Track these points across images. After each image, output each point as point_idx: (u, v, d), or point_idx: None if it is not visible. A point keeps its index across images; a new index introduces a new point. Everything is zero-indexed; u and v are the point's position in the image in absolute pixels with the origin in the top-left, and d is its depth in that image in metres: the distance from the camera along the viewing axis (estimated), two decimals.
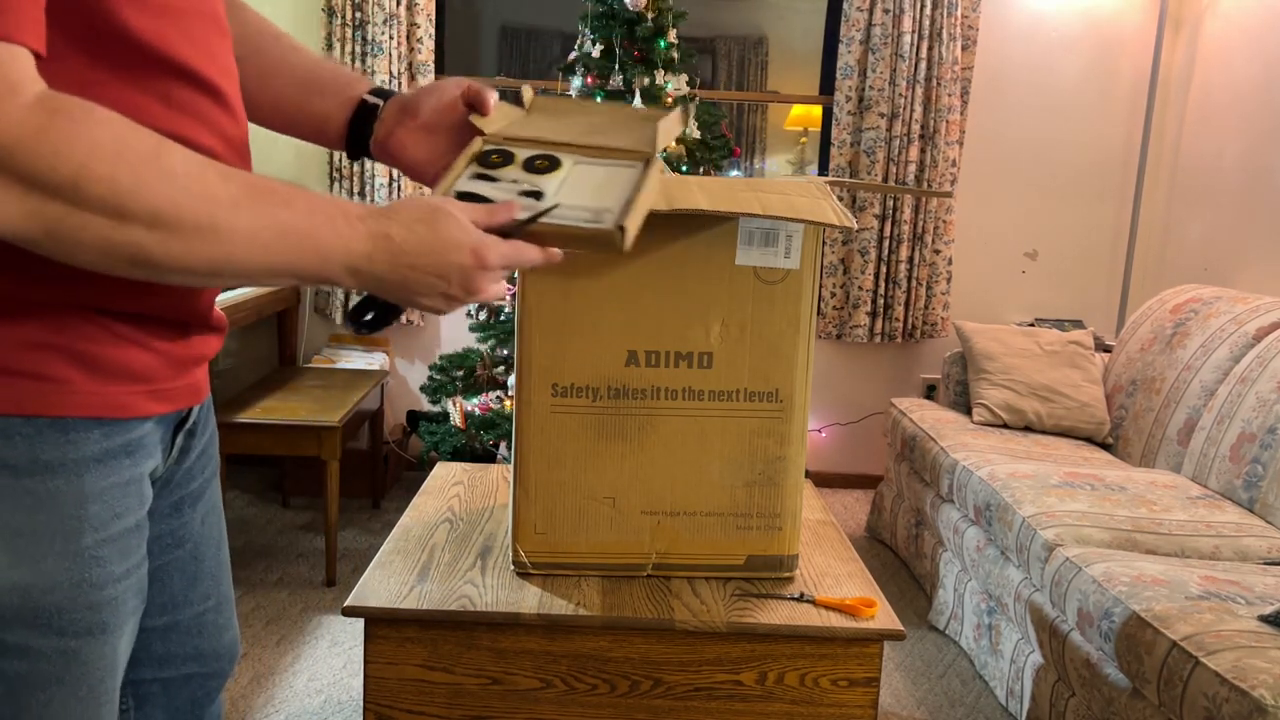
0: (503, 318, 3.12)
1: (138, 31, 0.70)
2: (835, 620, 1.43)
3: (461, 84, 0.99)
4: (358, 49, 3.50)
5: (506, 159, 0.89)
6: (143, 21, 0.70)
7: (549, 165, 0.87)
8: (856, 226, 3.59)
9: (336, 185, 3.59)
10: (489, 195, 0.83)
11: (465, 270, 0.75)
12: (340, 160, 3.57)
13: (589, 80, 3.04)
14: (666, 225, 1.41)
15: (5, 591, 0.70)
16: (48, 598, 0.72)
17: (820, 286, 3.82)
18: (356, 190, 3.58)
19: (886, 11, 3.52)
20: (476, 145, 0.91)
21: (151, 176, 0.63)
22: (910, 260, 3.69)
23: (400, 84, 3.53)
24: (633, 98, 2.97)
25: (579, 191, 0.82)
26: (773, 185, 1.37)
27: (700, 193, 1.34)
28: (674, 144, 3.00)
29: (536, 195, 0.84)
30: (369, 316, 0.82)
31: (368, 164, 3.55)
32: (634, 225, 0.78)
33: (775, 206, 1.34)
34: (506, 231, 0.77)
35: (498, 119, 0.94)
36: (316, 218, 0.70)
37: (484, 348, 3.18)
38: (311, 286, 0.66)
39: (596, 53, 3.03)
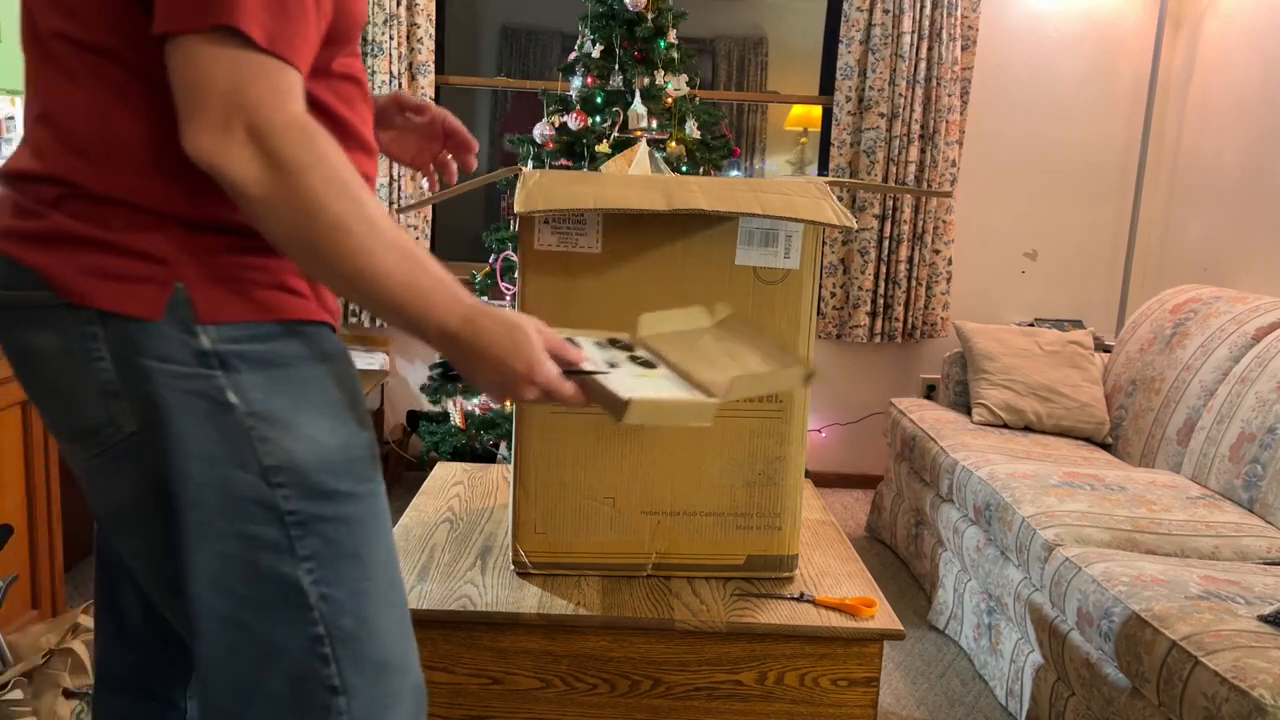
0: None
1: (331, 105, 0.95)
2: (835, 620, 1.43)
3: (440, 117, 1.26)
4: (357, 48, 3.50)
5: (629, 346, 1.13)
6: (332, 99, 0.95)
7: (646, 364, 1.09)
8: (856, 226, 3.59)
9: None
10: (586, 349, 1.06)
11: (517, 376, 0.92)
12: None
13: (589, 80, 3.04)
14: (667, 225, 1.41)
15: (333, 450, 0.91)
16: (356, 452, 0.93)
17: (820, 286, 3.82)
18: None
19: (886, 11, 3.52)
20: (624, 335, 1.17)
21: (350, 194, 0.83)
22: (910, 260, 3.69)
23: (400, 84, 3.53)
24: (632, 98, 2.97)
25: (630, 381, 1.02)
26: (773, 185, 1.37)
27: (700, 193, 1.34)
28: (674, 144, 3.00)
29: (612, 365, 1.06)
30: (445, 365, 1.02)
31: None
32: (640, 411, 0.95)
33: (775, 206, 1.34)
34: (567, 369, 0.96)
35: (652, 325, 1.18)
36: (438, 285, 0.88)
37: None
38: (400, 329, 0.87)
39: (596, 53, 3.03)
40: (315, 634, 0.90)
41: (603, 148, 2.92)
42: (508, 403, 3.14)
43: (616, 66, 3.01)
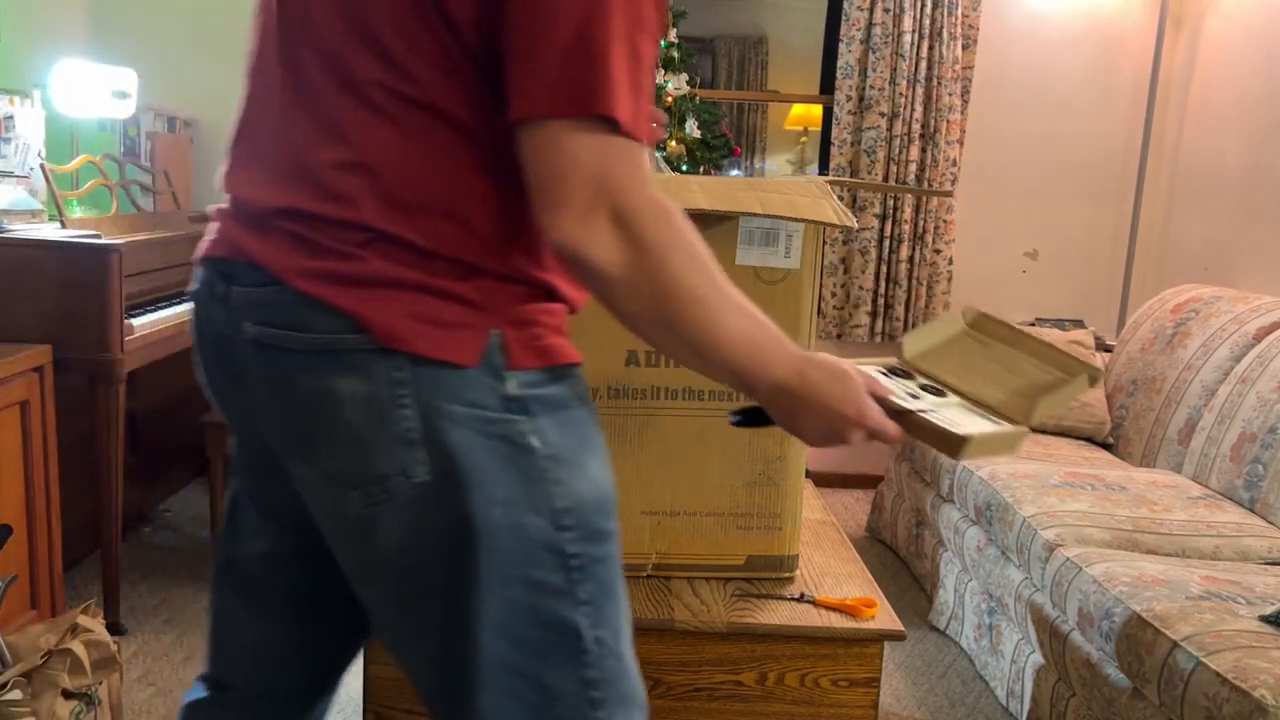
0: None
1: None
2: (835, 620, 1.42)
3: None
4: None
5: (908, 375, 1.16)
6: None
7: (937, 392, 1.13)
8: (857, 226, 3.58)
9: None
10: (884, 383, 1.11)
11: (846, 421, 0.93)
12: None
13: None
14: None
15: (605, 489, 0.93)
16: (609, 492, 0.95)
17: (821, 286, 3.81)
18: None
19: (887, 11, 3.51)
20: (891, 360, 1.20)
21: (704, 267, 0.85)
22: (911, 260, 3.68)
23: None
24: None
25: (948, 414, 1.07)
26: (773, 185, 1.37)
27: (700, 192, 1.34)
28: (674, 143, 3.00)
29: (915, 397, 1.12)
30: (739, 418, 1.02)
31: None
32: (976, 447, 0.99)
33: (775, 206, 1.33)
34: (888, 409, 0.99)
35: (915, 344, 1.22)
36: (772, 340, 0.90)
37: None
38: (728, 384, 0.91)
39: None
40: (589, 678, 0.91)
41: None
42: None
43: None
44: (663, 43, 3.04)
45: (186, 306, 2.70)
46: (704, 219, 1.41)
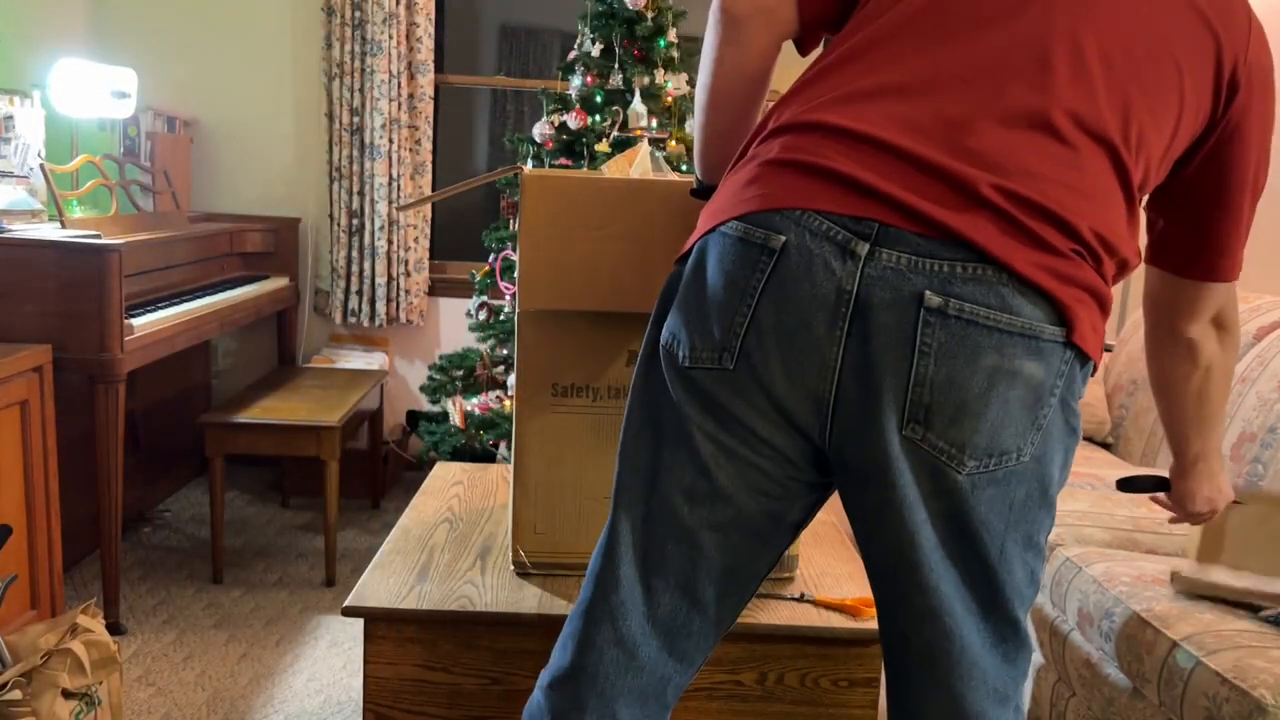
0: (502, 317, 3.12)
1: None
2: (835, 620, 1.42)
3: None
4: (357, 48, 3.50)
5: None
6: None
7: None
8: None
9: (336, 184, 3.58)
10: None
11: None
12: (340, 160, 3.57)
13: (589, 79, 3.03)
14: (666, 225, 1.41)
15: None
16: None
17: None
18: (356, 190, 3.58)
19: None
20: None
21: None
22: None
23: (400, 83, 3.52)
24: (632, 97, 2.97)
25: None
26: None
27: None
28: (674, 143, 3.00)
29: None
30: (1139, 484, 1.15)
31: (367, 164, 3.55)
32: None
33: None
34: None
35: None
36: None
37: (484, 347, 3.18)
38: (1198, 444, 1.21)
39: (596, 52, 3.02)
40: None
41: (602, 147, 2.92)
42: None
43: (616, 65, 3.00)
44: (662, 42, 3.04)
45: (190, 305, 2.71)
46: None
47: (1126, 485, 1.43)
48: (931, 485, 0.94)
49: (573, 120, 2.97)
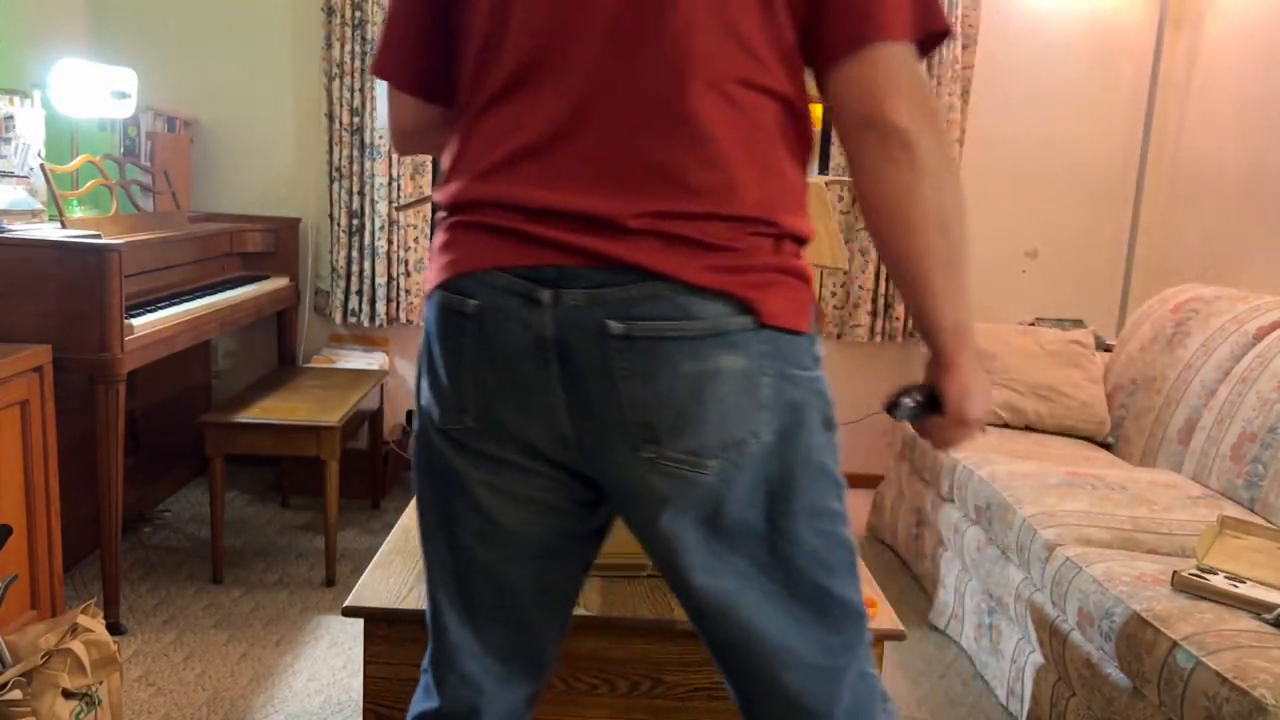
0: None
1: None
2: None
3: None
4: (357, 48, 3.50)
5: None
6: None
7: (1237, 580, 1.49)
8: (846, 268, 3.58)
9: (337, 184, 3.58)
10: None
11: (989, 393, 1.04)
12: (340, 160, 3.57)
13: None
14: None
15: None
16: None
17: (820, 286, 3.82)
18: (356, 189, 3.58)
19: None
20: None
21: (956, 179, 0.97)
22: None
23: None
24: None
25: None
26: None
27: None
28: None
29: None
30: (913, 404, 1.06)
31: (367, 163, 3.55)
32: None
33: None
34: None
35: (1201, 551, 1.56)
36: (968, 288, 0.99)
37: None
38: (939, 314, 1.01)
39: None
40: (859, 584, 1.04)
41: None
42: None
43: None
44: None
45: (190, 305, 2.71)
46: None
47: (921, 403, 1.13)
48: (685, 493, 0.96)
49: None
